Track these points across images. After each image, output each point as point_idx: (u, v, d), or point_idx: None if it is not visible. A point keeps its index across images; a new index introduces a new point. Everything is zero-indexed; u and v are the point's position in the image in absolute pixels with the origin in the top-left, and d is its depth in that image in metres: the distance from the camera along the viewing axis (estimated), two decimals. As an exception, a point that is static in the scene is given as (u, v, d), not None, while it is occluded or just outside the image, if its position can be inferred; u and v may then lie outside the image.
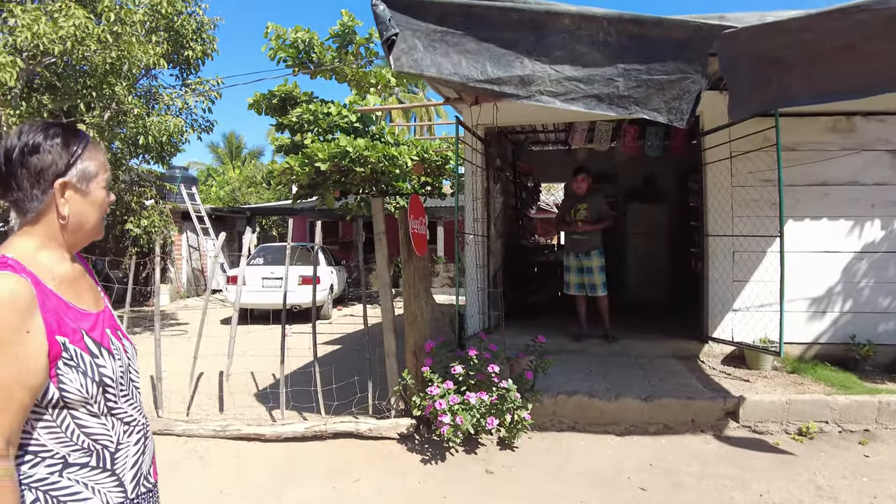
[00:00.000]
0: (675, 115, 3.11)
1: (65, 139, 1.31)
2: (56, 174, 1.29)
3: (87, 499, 1.28)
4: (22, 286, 1.20)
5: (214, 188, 23.57)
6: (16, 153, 1.26)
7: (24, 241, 1.29)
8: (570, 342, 6.31)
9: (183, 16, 8.51)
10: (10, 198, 1.29)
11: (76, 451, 1.28)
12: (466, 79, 3.22)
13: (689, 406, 4.54)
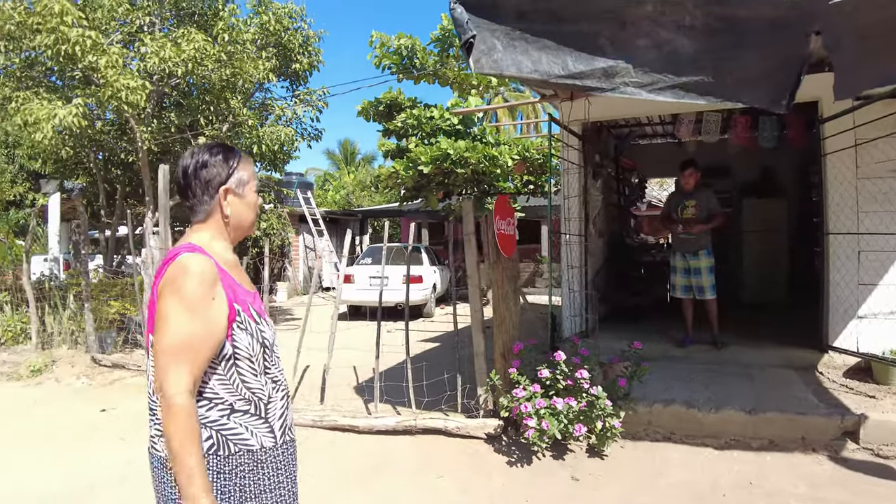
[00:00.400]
0: (773, 102, 2.85)
1: (224, 155, 1.66)
2: (220, 183, 1.64)
3: (247, 439, 1.57)
4: (209, 264, 1.54)
5: (331, 192, 24.72)
6: (191, 169, 1.63)
7: (199, 235, 1.65)
8: (673, 348, 5.98)
9: (290, 31, 9.02)
10: (188, 203, 1.66)
11: (240, 399, 1.58)
12: (547, 75, 3.13)
13: (798, 422, 4.14)
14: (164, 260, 1.58)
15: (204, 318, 1.49)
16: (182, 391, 1.43)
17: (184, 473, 1.40)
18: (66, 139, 7.45)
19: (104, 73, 6.73)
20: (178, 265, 1.52)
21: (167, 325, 1.48)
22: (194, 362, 1.47)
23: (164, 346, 1.47)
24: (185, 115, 8.48)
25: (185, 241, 1.62)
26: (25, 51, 7.35)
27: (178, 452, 1.41)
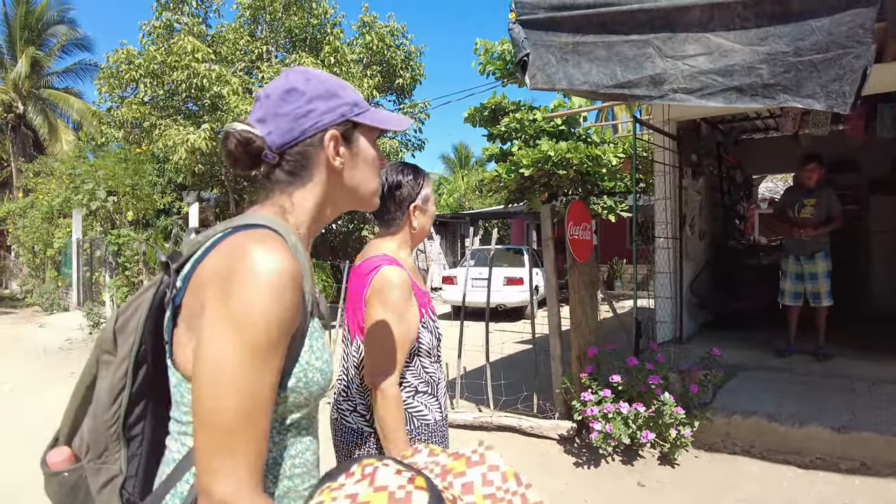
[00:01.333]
0: (835, 100, 2.70)
1: (414, 176, 1.90)
2: (410, 200, 1.88)
3: (426, 415, 1.87)
4: (405, 275, 1.78)
5: (444, 195, 25.33)
6: (386, 188, 1.84)
7: (389, 245, 1.89)
8: (772, 357, 5.64)
9: (392, 48, 9.49)
10: (382, 218, 1.91)
11: (422, 383, 1.88)
12: (597, 86, 3.18)
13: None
14: (365, 269, 1.83)
15: (405, 322, 1.76)
16: (395, 383, 1.73)
17: (395, 445, 1.69)
18: (197, 158, 8.38)
19: (228, 100, 7.54)
20: (384, 277, 1.75)
21: (379, 333, 1.75)
22: (400, 359, 1.75)
23: (379, 350, 1.75)
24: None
25: (378, 252, 1.87)
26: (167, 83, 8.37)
27: (394, 431, 1.70)
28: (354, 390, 1.87)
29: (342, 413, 1.90)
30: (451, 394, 5.60)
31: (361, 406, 1.86)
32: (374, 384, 1.73)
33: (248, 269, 0.90)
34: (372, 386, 1.74)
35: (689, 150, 6.37)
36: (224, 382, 0.88)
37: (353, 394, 1.88)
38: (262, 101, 1.09)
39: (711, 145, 7.20)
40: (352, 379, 1.89)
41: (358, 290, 1.83)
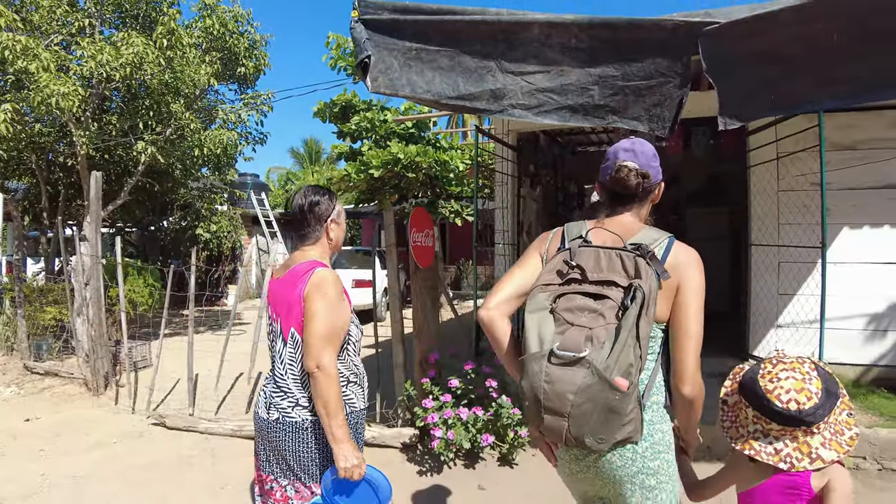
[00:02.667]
0: (656, 124, 2.91)
1: (329, 196, 2.24)
2: (327, 216, 2.20)
3: (354, 403, 2.17)
4: (337, 275, 2.14)
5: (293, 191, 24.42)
6: (306, 207, 2.17)
7: (312, 254, 2.18)
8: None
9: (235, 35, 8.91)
10: (303, 231, 2.19)
11: (352, 374, 2.19)
12: (439, 96, 3.15)
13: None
14: (299, 272, 2.10)
15: (340, 313, 2.08)
16: (333, 364, 2.01)
17: (338, 422, 1.98)
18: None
19: (37, 77, 6.59)
20: (320, 276, 2.06)
21: (319, 320, 2.02)
22: (336, 345, 2.07)
23: (319, 334, 2.01)
24: (125, 118, 8.35)
25: (307, 259, 2.16)
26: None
27: (335, 408, 1.99)
28: (293, 386, 2.12)
29: (282, 411, 2.11)
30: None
31: (303, 398, 2.11)
32: (317, 366, 1.98)
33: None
34: (315, 369, 1.98)
35: (527, 161, 6.66)
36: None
37: (293, 390, 2.12)
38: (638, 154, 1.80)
39: (549, 157, 7.58)
40: (289, 377, 2.13)
41: (292, 292, 2.09)
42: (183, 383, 6.23)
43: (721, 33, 2.80)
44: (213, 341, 9.19)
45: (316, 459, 2.12)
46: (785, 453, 1.56)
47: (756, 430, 1.63)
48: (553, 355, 1.52)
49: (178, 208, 12.21)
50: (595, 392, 1.48)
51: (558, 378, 1.51)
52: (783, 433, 1.58)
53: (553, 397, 1.51)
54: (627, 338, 1.49)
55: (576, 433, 1.52)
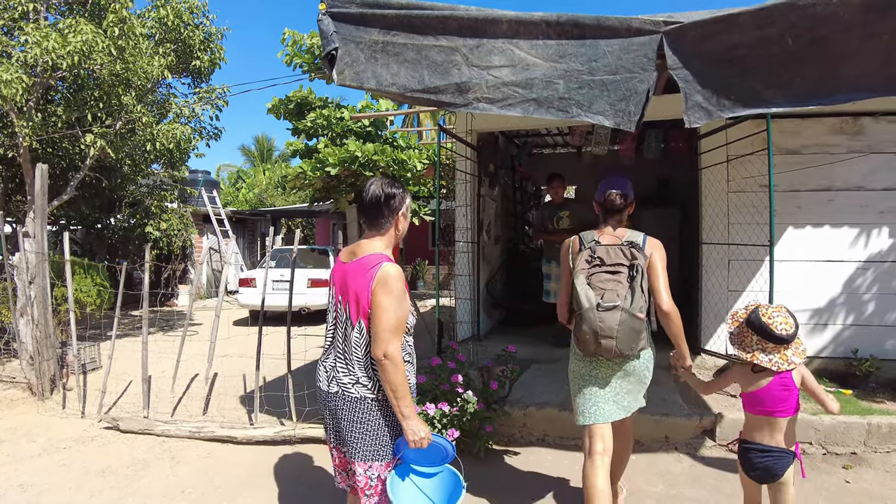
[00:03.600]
0: (621, 118, 2.98)
1: (403, 190, 2.47)
2: (398, 209, 2.43)
3: (410, 380, 2.40)
4: (400, 270, 2.34)
5: (244, 190, 23.96)
6: (383, 198, 2.40)
7: (379, 244, 2.41)
8: (559, 350, 6.18)
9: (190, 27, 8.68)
10: (377, 221, 2.42)
11: (407, 355, 2.41)
12: (404, 89, 3.16)
13: (661, 423, 4.37)
14: (367, 264, 2.31)
15: (404, 307, 2.31)
16: (399, 353, 2.26)
17: (406, 402, 2.27)
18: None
19: (-26, 62, 6.27)
20: (386, 272, 2.27)
21: (387, 314, 2.24)
22: (401, 335, 2.30)
23: (387, 327, 2.23)
24: (72, 110, 8.00)
25: (373, 251, 2.37)
26: None
27: (403, 391, 2.26)
28: (356, 366, 2.35)
29: (344, 386, 2.36)
30: (250, 408, 5.26)
31: (364, 378, 2.35)
32: (385, 356, 2.22)
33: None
34: (383, 358, 2.22)
35: (487, 161, 6.73)
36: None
37: (355, 370, 2.36)
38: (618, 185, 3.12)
39: (507, 157, 7.68)
40: (353, 358, 2.36)
41: (362, 283, 2.30)
42: (135, 385, 6.04)
43: (683, 33, 2.90)
44: (165, 342, 8.94)
45: (369, 434, 2.36)
46: (774, 361, 2.60)
47: (758, 348, 2.64)
48: (599, 307, 2.77)
49: (126, 205, 11.80)
50: (628, 323, 2.74)
51: (607, 318, 2.75)
52: (775, 350, 2.61)
53: (606, 329, 2.75)
54: (637, 292, 2.77)
55: (620, 347, 2.76)
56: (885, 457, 4.16)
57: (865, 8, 2.79)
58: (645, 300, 2.75)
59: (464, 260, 6.26)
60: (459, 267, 6.26)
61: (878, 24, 2.76)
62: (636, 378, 2.99)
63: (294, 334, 7.39)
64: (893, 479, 3.89)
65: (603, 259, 2.91)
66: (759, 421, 2.71)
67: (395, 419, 2.34)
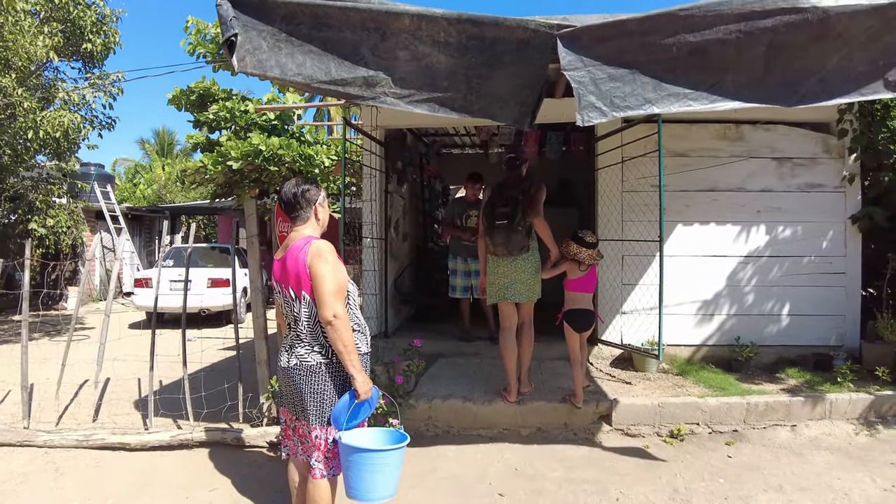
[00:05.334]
0: (518, 117, 3.09)
1: (315, 184, 2.81)
2: (314, 199, 2.76)
3: (359, 347, 2.71)
4: (329, 243, 2.68)
5: (142, 186, 22.64)
6: (299, 193, 2.73)
7: (305, 231, 2.74)
8: (465, 345, 6.29)
9: (81, 6, 8.11)
10: (294, 214, 2.75)
11: (355, 324, 2.75)
12: (310, 79, 3.12)
13: (561, 409, 4.56)
14: (298, 246, 2.66)
15: (341, 272, 2.66)
16: (345, 313, 2.60)
17: (354, 360, 2.59)
18: None
19: None
20: (317, 247, 2.62)
21: (327, 279, 2.56)
22: (343, 299, 2.63)
23: (329, 290, 2.55)
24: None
25: (302, 236, 2.72)
26: None
27: (352, 346, 2.59)
28: (309, 336, 2.70)
29: (301, 357, 2.69)
30: (144, 413, 4.99)
31: (317, 346, 2.69)
32: (332, 316, 2.53)
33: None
34: (330, 318, 2.53)
35: (395, 157, 6.73)
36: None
37: (309, 339, 2.70)
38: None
39: (415, 155, 7.72)
40: (306, 330, 2.69)
41: (298, 262, 2.62)
42: (14, 395, 5.57)
43: (576, 36, 3.03)
44: (51, 346, 8.31)
45: (325, 396, 2.68)
46: (583, 256, 4.58)
47: (579, 251, 4.58)
48: (495, 227, 4.51)
49: (6, 200, 10.84)
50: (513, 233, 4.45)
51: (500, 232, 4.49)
52: (584, 252, 4.57)
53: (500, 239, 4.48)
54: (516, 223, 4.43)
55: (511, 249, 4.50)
56: (762, 432, 4.54)
57: (741, 21, 3.03)
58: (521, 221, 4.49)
59: (371, 256, 6.23)
60: (367, 263, 6.23)
61: (755, 36, 3.01)
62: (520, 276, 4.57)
63: (192, 336, 7.13)
64: (768, 451, 4.28)
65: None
66: (578, 296, 4.70)
67: (344, 383, 2.68)
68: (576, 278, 4.68)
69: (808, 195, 6.03)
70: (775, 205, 6.03)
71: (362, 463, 2.63)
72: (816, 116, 6.11)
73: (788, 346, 5.91)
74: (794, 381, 5.27)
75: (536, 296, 4.68)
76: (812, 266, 6.00)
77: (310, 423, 2.71)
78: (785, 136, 6.06)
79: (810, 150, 6.06)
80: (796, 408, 4.61)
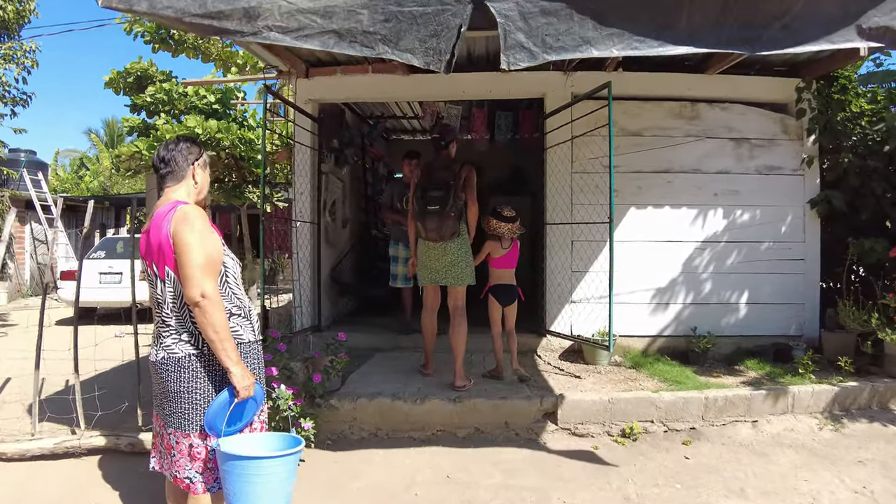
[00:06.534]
0: (432, 57, 2.61)
1: (197, 143, 2.44)
2: (192, 157, 2.35)
3: (241, 334, 2.29)
4: (202, 211, 2.26)
5: (87, 178, 21.53)
6: (174, 148, 2.32)
7: (178, 194, 2.29)
8: (404, 338, 5.81)
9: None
10: (167, 169, 2.30)
11: (235, 307, 2.30)
12: (182, 12, 2.59)
13: (501, 407, 4.11)
14: (162, 212, 2.17)
15: (212, 242, 2.18)
16: (216, 291, 2.13)
17: (229, 349, 2.13)
18: None
19: None
20: (183, 211, 2.15)
21: (193, 250, 2.10)
22: (214, 273, 2.18)
23: (196, 264, 2.09)
24: None
25: (170, 200, 2.24)
26: None
27: (225, 333, 2.13)
28: (175, 321, 2.22)
29: (167, 349, 2.21)
30: (42, 417, 4.38)
31: (185, 334, 2.22)
32: (199, 295, 2.06)
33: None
34: (196, 298, 2.06)
35: (330, 135, 6.19)
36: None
37: (174, 324, 2.22)
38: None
39: (356, 135, 7.19)
40: (171, 314, 2.21)
41: (162, 231, 2.14)
42: None
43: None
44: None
45: (198, 396, 2.21)
46: (503, 231, 4.65)
47: (498, 226, 4.61)
48: (427, 212, 4.29)
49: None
50: (446, 219, 4.23)
51: (433, 218, 4.27)
52: (504, 226, 4.63)
53: (432, 224, 4.28)
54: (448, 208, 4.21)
55: (443, 235, 4.28)
56: (721, 430, 4.16)
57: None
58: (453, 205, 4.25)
59: (303, 242, 5.71)
60: (301, 244, 5.70)
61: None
62: (452, 260, 4.36)
63: (122, 333, 6.51)
64: (728, 451, 3.89)
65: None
66: (501, 272, 4.74)
67: (223, 378, 2.20)
68: (499, 256, 4.75)
69: (767, 178, 5.71)
70: (733, 187, 5.70)
71: (239, 473, 2.16)
72: (774, 96, 5.81)
73: (747, 336, 5.59)
74: (753, 373, 4.94)
75: (468, 279, 4.50)
76: (770, 252, 5.68)
77: (182, 430, 2.24)
78: (742, 116, 5.74)
79: (769, 131, 5.74)
80: (757, 402, 4.24)
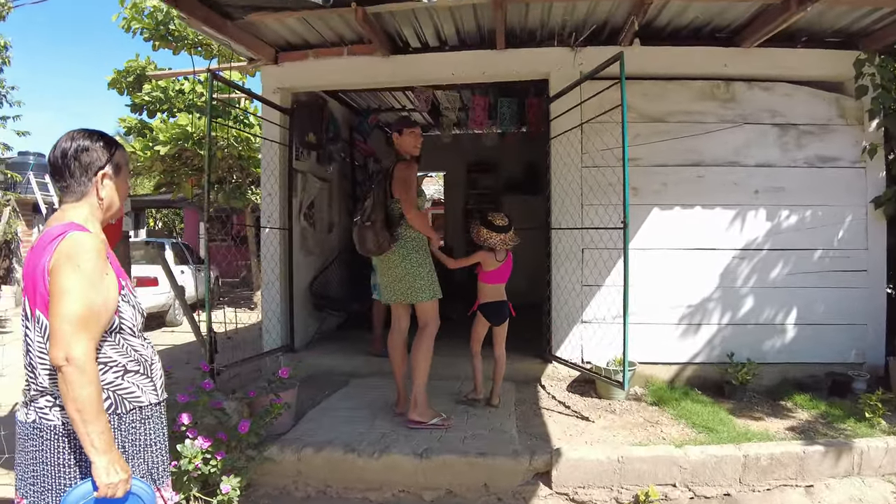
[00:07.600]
0: None
1: (105, 141, 1.75)
2: (98, 167, 1.72)
3: (139, 397, 1.74)
4: (99, 241, 1.67)
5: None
6: (70, 152, 1.70)
7: (76, 214, 1.69)
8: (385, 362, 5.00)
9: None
10: (63, 184, 1.72)
11: (131, 361, 1.74)
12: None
13: (479, 465, 3.25)
14: (49, 237, 1.62)
15: (102, 290, 1.62)
16: (89, 357, 1.56)
17: (97, 429, 1.53)
18: None
19: None
20: (73, 241, 1.59)
21: (69, 298, 1.55)
22: (95, 331, 1.60)
23: (68, 317, 1.54)
24: None
25: (65, 220, 1.66)
26: None
27: (91, 412, 1.53)
28: (46, 380, 1.65)
29: (40, 412, 1.65)
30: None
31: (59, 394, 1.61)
32: (64, 357, 1.52)
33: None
34: (60, 361, 1.53)
35: (306, 128, 5.44)
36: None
37: (46, 385, 1.65)
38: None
39: (342, 128, 6.42)
40: (39, 369, 1.65)
41: (40, 261, 1.61)
42: None
43: None
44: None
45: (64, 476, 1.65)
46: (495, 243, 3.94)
47: (489, 237, 3.94)
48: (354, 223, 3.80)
49: None
50: (366, 231, 3.64)
51: (355, 233, 3.73)
52: (496, 237, 3.93)
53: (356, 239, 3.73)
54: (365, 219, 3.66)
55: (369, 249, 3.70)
56: (764, 497, 3.25)
57: None
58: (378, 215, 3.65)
59: (272, 251, 4.98)
60: (269, 251, 4.98)
61: None
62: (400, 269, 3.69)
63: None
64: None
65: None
66: (492, 288, 4.06)
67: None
68: (491, 270, 4.05)
69: (819, 171, 4.76)
70: (777, 184, 4.77)
71: None
72: (827, 72, 4.84)
73: (796, 363, 4.65)
74: (804, 412, 4.01)
75: (429, 293, 3.73)
76: (825, 262, 4.72)
77: None
78: (788, 97, 4.80)
79: (821, 115, 4.79)
80: (813, 462, 3.30)
